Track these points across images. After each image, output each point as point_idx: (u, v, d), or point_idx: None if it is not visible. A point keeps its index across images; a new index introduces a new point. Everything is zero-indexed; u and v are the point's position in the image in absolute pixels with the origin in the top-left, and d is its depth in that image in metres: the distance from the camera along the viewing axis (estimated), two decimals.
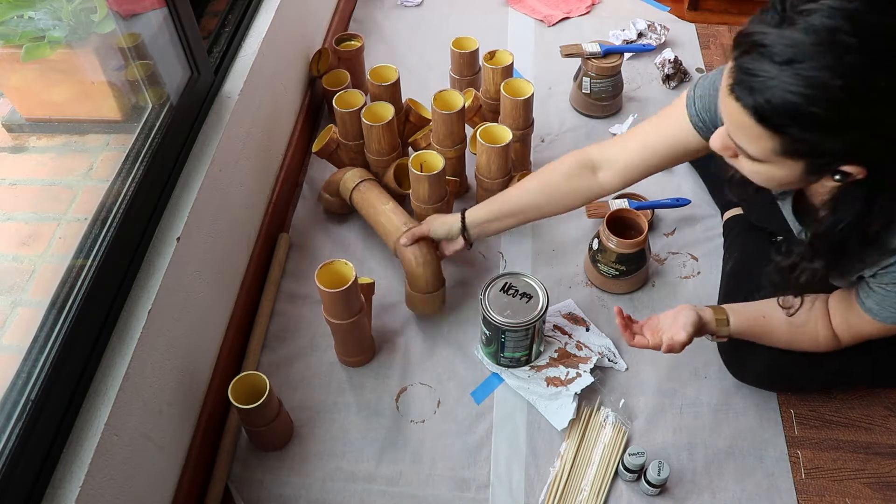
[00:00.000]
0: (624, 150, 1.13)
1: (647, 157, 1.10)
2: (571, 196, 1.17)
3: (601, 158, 1.15)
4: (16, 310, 0.92)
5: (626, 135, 1.14)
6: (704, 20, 2.06)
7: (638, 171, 1.12)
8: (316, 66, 1.72)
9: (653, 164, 1.11)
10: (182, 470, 1.11)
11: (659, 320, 1.10)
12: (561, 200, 1.18)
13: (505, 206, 1.21)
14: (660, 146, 1.08)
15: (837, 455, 1.20)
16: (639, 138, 1.11)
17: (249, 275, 1.37)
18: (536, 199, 1.19)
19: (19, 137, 1.04)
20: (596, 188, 1.16)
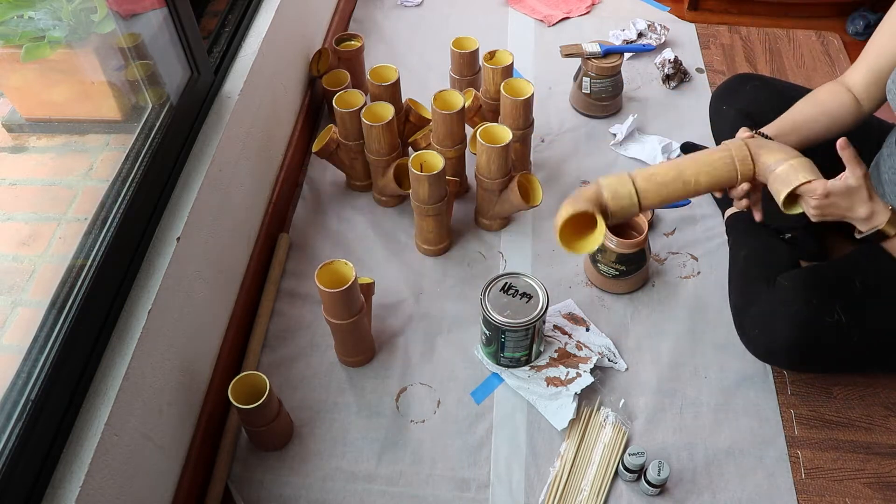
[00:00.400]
0: (865, 62, 1.15)
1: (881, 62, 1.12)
2: (838, 116, 1.17)
3: (852, 81, 1.17)
4: (16, 310, 0.92)
5: (866, 48, 1.16)
6: (704, 20, 2.06)
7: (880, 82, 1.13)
8: (316, 66, 1.72)
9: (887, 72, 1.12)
10: (182, 470, 1.11)
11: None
12: (830, 120, 1.18)
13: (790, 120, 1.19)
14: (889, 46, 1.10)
15: (837, 455, 1.20)
16: (873, 46, 1.14)
17: (249, 275, 1.37)
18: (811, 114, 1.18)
19: (19, 137, 1.04)
20: (856, 110, 1.17)
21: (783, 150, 1.02)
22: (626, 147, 1.68)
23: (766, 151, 1.03)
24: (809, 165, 1.00)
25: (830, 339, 1.13)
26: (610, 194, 1.02)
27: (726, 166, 1.02)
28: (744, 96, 1.40)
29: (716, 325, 1.35)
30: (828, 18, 2.06)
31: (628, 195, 1.02)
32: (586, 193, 1.03)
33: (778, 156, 1.01)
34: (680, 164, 1.03)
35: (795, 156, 1.00)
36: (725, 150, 1.04)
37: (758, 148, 1.03)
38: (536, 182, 1.42)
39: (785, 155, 1.01)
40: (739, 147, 1.04)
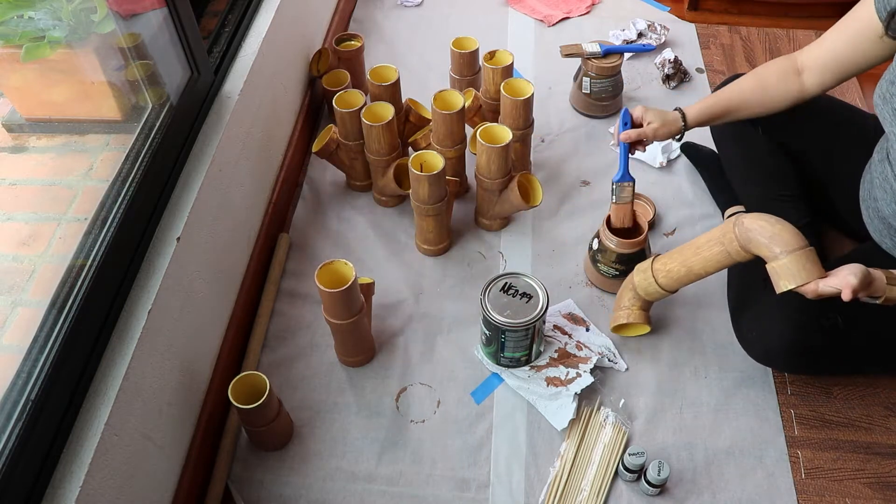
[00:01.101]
0: (819, 48, 1.18)
1: (837, 55, 1.15)
2: (779, 97, 1.22)
3: (803, 60, 1.20)
4: (16, 310, 0.92)
5: (823, 35, 1.19)
6: (704, 20, 2.06)
7: (832, 74, 1.17)
8: (316, 66, 1.72)
9: (844, 63, 1.14)
10: (182, 470, 1.11)
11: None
12: (770, 100, 1.22)
13: (719, 104, 1.25)
14: (845, 44, 1.13)
15: (837, 455, 1.20)
16: (831, 37, 1.16)
17: (249, 275, 1.37)
18: (749, 97, 1.23)
19: (19, 137, 1.04)
20: (797, 91, 1.20)
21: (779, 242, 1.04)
22: None
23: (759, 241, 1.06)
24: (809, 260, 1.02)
25: (827, 342, 1.13)
26: (644, 293, 1.24)
27: (726, 258, 1.12)
28: None
29: (716, 325, 1.35)
30: (828, 18, 2.05)
31: (656, 292, 1.23)
32: (630, 299, 1.27)
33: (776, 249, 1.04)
34: (687, 261, 1.16)
35: (796, 248, 1.02)
36: (720, 246, 1.11)
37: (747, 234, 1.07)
38: (536, 182, 1.42)
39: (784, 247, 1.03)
40: (731, 241, 1.09)
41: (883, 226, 1.15)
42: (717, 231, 1.12)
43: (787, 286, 1.01)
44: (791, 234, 1.03)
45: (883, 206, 1.13)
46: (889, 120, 1.06)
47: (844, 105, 1.37)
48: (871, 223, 1.19)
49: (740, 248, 1.08)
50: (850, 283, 0.96)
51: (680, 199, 1.57)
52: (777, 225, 1.04)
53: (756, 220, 1.06)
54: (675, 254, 1.18)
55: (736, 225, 1.08)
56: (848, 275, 0.97)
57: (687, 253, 1.16)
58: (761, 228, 1.05)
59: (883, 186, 1.12)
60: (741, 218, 1.08)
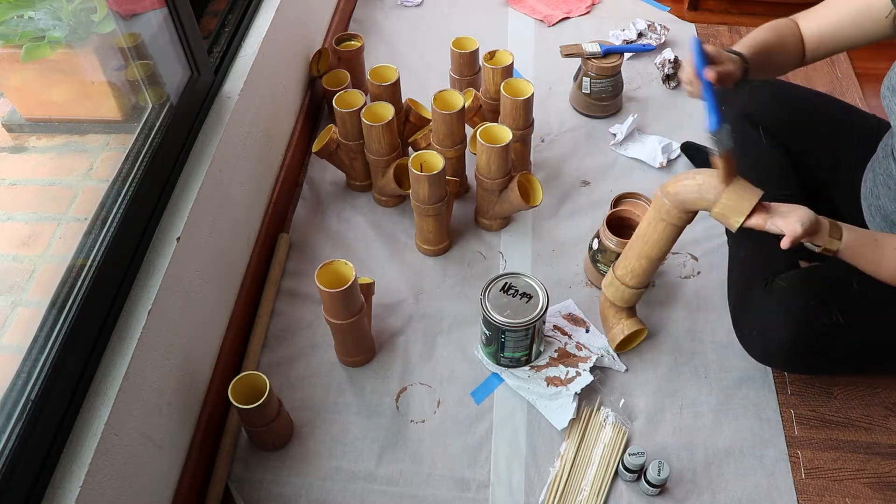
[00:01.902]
0: (818, 21, 1.14)
1: (837, 31, 1.11)
2: (790, 57, 1.16)
3: (803, 28, 1.16)
4: (16, 310, 0.92)
5: (823, 4, 1.15)
6: (704, 20, 2.06)
7: (826, 50, 1.13)
8: (316, 66, 1.72)
9: (840, 40, 1.12)
10: (182, 470, 1.11)
11: (772, 205, 1.03)
12: (785, 57, 1.16)
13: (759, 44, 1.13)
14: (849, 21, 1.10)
15: (837, 455, 1.20)
16: (833, 9, 1.13)
17: (249, 275, 1.37)
18: (774, 47, 1.14)
19: (19, 137, 1.04)
20: (800, 58, 1.16)
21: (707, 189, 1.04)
22: (626, 147, 1.68)
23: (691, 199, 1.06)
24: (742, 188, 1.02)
25: (828, 341, 1.13)
26: (622, 302, 1.24)
27: (674, 230, 1.12)
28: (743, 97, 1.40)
29: (716, 325, 1.35)
30: None
31: (632, 295, 1.22)
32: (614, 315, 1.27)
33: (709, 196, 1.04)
34: (643, 252, 1.15)
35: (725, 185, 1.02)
36: (663, 223, 1.11)
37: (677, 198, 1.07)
38: (536, 182, 1.42)
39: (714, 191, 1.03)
40: (668, 212, 1.09)
41: (885, 223, 1.15)
42: (652, 211, 1.12)
43: (738, 222, 1.01)
44: (713, 176, 1.03)
45: (886, 202, 1.13)
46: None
47: (844, 105, 1.37)
48: (873, 221, 1.19)
49: (680, 213, 1.08)
50: (795, 231, 0.96)
51: None
52: (697, 176, 1.04)
53: (677, 182, 1.07)
54: (629, 252, 1.18)
55: (664, 196, 1.08)
56: (795, 222, 0.97)
57: (638, 246, 1.16)
58: (686, 187, 1.05)
59: (886, 183, 1.12)
60: (665, 187, 1.09)
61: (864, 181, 1.21)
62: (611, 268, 1.23)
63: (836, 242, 1.01)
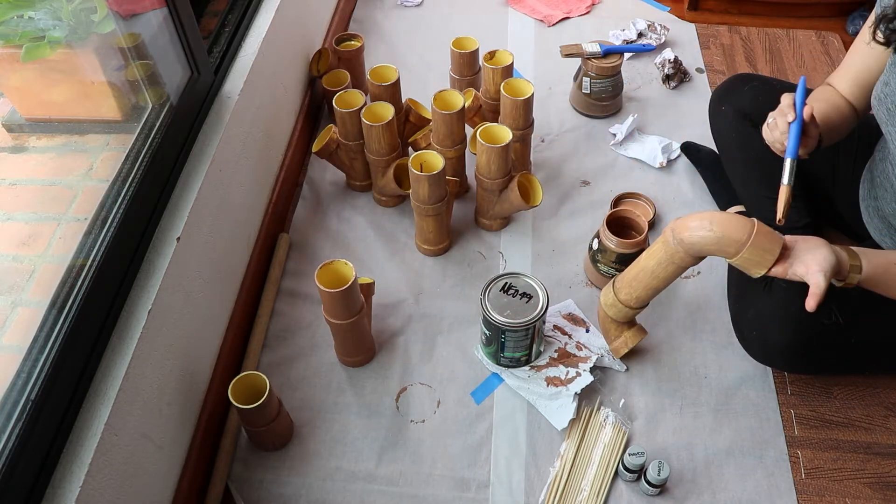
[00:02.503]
0: (845, 75, 1.19)
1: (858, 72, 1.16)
2: (847, 117, 1.19)
3: (840, 89, 1.20)
4: (16, 310, 0.92)
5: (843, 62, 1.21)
6: (704, 20, 2.06)
7: (863, 90, 1.17)
8: (316, 66, 1.72)
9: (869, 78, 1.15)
10: (182, 470, 1.11)
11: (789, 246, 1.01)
12: (843, 119, 1.19)
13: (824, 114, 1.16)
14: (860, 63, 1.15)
15: (837, 455, 1.20)
16: (847, 63, 1.19)
17: (249, 275, 1.37)
18: (832, 113, 1.17)
19: (19, 137, 1.04)
20: (854, 112, 1.19)
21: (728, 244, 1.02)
22: (626, 147, 1.68)
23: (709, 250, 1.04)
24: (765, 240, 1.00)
25: (828, 341, 1.13)
26: (624, 318, 1.23)
27: (682, 270, 1.10)
28: (743, 97, 1.40)
29: (716, 325, 1.35)
30: (828, 18, 2.06)
31: (634, 313, 1.22)
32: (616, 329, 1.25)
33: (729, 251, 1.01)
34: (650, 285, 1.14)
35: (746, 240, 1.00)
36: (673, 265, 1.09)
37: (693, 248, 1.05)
38: (536, 182, 1.42)
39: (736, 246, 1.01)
40: (682, 259, 1.07)
41: (883, 225, 1.15)
42: (662, 252, 1.09)
43: (759, 273, 1.01)
44: (733, 228, 1.00)
45: (883, 204, 1.13)
46: (884, 120, 1.07)
47: None
48: (871, 222, 1.19)
49: (694, 259, 1.07)
50: (819, 285, 0.94)
51: (680, 199, 1.57)
52: (716, 227, 1.01)
53: (692, 233, 1.03)
54: (635, 283, 1.15)
55: (678, 244, 1.06)
56: (817, 273, 0.95)
57: (645, 280, 1.13)
58: (704, 240, 1.02)
59: (884, 185, 1.12)
60: (678, 234, 1.05)
61: (863, 182, 1.21)
62: (611, 289, 1.20)
63: (856, 276, 1.00)
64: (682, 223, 1.06)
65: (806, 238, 1.00)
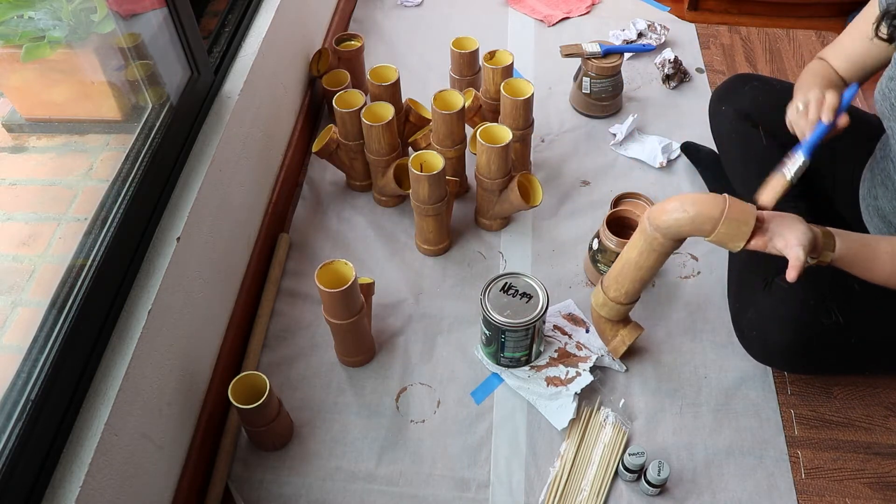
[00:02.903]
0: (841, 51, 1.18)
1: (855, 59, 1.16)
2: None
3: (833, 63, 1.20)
4: (16, 310, 0.92)
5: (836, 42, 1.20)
6: (704, 20, 2.06)
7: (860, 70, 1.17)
8: (316, 66, 1.72)
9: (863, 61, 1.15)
10: (182, 470, 1.11)
11: (766, 220, 1.01)
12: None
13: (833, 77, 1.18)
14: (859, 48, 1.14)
15: (837, 455, 1.20)
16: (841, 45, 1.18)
17: (249, 275, 1.37)
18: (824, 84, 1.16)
19: (19, 137, 1.04)
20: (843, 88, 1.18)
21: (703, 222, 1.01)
22: (626, 147, 1.68)
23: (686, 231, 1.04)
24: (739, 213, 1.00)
25: (828, 341, 1.13)
26: (618, 315, 1.22)
27: (666, 255, 1.10)
28: (742, 97, 1.40)
29: (716, 325, 1.35)
30: (828, 18, 2.06)
31: (627, 308, 1.22)
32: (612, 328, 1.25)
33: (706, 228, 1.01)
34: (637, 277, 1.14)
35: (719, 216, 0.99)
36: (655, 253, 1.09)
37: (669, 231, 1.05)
38: (536, 182, 1.42)
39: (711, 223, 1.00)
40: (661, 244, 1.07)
41: (883, 224, 1.15)
42: (642, 241, 1.09)
43: (738, 246, 1.00)
44: (707, 205, 0.99)
45: (883, 203, 1.13)
46: (888, 115, 1.07)
47: None
48: (871, 221, 1.19)
49: (672, 242, 1.07)
50: (799, 257, 0.94)
51: None
52: (689, 207, 1.01)
53: (668, 216, 1.03)
54: (621, 277, 1.16)
55: (655, 230, 1.05)
56: (796, 246, 0.95)
57: (631, 272, 1.14)
58: (679, 222, 1.02)
59: (885, 183, 1.12)
60: (654, 220, 1.05)
61: (863, 181, 1.21)
62: (600, 288, 1.20)
63: (829, 254, 1.01)
64: (656, 208, 1.06)
65: (782, 214, 1.01)
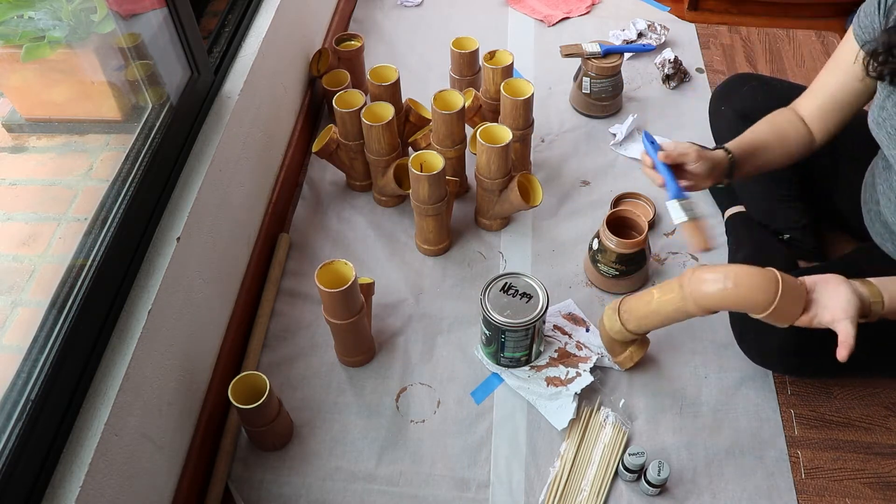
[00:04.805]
0: (814, 98, 1.16)
1: (831, 98, 1.13)
2: (796, 148, 1.17)
3: (802, 112, 1.17)
4: (16, 310, 0.92)
5: (814, 81, 1.17)
6: (704, 20, 2.06)
7: (834, 119, 1.14)
8: (316, 66, 1.72)
9: (839, 103, 1.13)
10: (182, 470, 1.11)
11: (810, 289, 0.98)
12: (789, 150, 1.17)
13: (749, 141, 1.16)
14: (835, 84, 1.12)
15: (837, 455, 1.20)
16: (822, 82, 1.15)
17: (249, 275, 1.37)
18: (769, 139, 1.16)
19: (19, 137, 1.04)
20: (808, 141, 1.16)
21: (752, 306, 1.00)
22: (626, 147, 1.68)
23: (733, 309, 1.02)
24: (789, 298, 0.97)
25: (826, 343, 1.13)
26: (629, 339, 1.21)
27: (687, 317, 1.09)
28: (741, 97, 1.40)
29: (716, 325, 1.35)
30: (828, 18, 2.06)
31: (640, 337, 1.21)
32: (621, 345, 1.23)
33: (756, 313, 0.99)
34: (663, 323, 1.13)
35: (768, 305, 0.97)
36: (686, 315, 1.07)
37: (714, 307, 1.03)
38: (536, 182, 1.42)
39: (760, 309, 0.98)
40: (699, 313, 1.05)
41: (884, 229, 1.15)
42: (678, 305, 1.07)
43: (784, 325, 1.00)
44: (757, 288, 0.96)
45: (886, 212, 1.13)
46: (886, 144, 1.06)
47: None
48: (873, 226, 1.19)
49: (708, 313, 1.05)
50: (849, 333, 0.92)
51: None
52: (734, 284, 0.98)
53: (709, 287, 1.00)
54: (645, 321, 1.15)
55: (693, 301, 1.03)
56: (844, 320, 0.93)
57: (658, 321, 1.13)
58: (721, 298, 1.00)
59: (886, 194, 1.12)
60: (692, 291, 1.02)
61: (864, 187, 1.21)
62: (617, 319, 1.17)
63: (879, 309, 0.97)
64: (695, 278, 1.02)
65: (825, 278, 0.98)
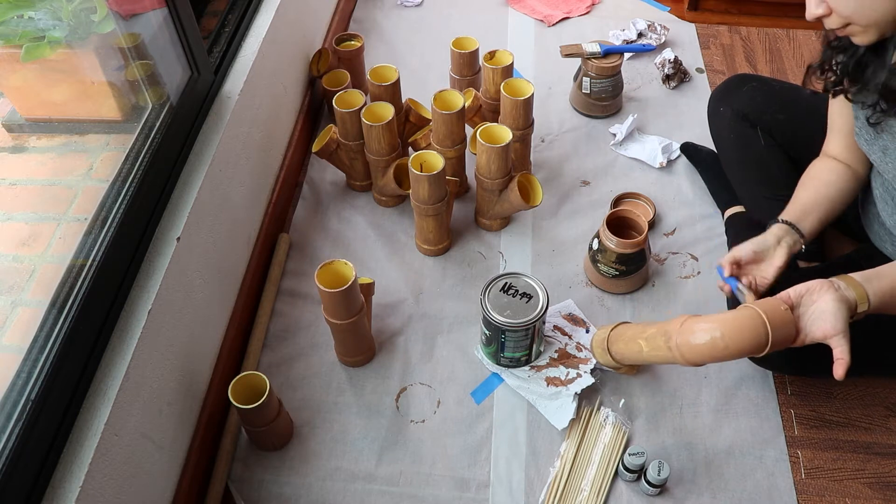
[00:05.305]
0: (834, 136, 1.17)
1: (848, 130, 1.13)
2: (840, 182, 1.16)
3: (833, 153, 1.18)
4: (16, 310, 0.92)
5: (828, 120, 1.18)
6: (704, 20, 2.06)
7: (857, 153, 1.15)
8: (316, 66, 1.72)
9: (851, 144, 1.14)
10: (182, 470, 1.11)
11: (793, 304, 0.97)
12: (834, 188, 1.16)
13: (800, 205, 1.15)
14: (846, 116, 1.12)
15: (837, 455, 1.20)
16: (832, 120, 1.17)
17: (249, 275, 1.37)
18: (818, 195, 1.15)
19: (19, 137, 1.04)
20: (853, 175, 1.16)
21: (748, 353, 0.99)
22: (626, 147, 1.68)
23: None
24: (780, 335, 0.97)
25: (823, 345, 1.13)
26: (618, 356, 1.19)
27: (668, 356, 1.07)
28: (741, 97, 1.40)
29: None
30: None
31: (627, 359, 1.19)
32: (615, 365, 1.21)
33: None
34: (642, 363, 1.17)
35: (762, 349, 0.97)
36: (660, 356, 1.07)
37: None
38: (536, 182, 1.42)
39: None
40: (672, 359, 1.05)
41: (883, 231, 1.15)
42: (663, 355, 1.06)
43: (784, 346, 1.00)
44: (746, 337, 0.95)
45: (884, 216, 1.13)
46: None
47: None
48: (871, 228, 1.19)
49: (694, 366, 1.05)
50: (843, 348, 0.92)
51: (680, 199, 1.57)
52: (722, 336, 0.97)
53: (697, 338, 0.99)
54: (632, 360, 1.16)
55: (686, 363, 1.02)
56: (834, 335, 0.93)
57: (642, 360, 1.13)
58: (711, 351, 0.98)
59: (884, 198, 1.12)
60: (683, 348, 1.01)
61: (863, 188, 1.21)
62: (606, 351, 1.19)
63: (865, 307, 0.97)
64: (683, 332, 1.01)
65: (809, 288, 0.97)
